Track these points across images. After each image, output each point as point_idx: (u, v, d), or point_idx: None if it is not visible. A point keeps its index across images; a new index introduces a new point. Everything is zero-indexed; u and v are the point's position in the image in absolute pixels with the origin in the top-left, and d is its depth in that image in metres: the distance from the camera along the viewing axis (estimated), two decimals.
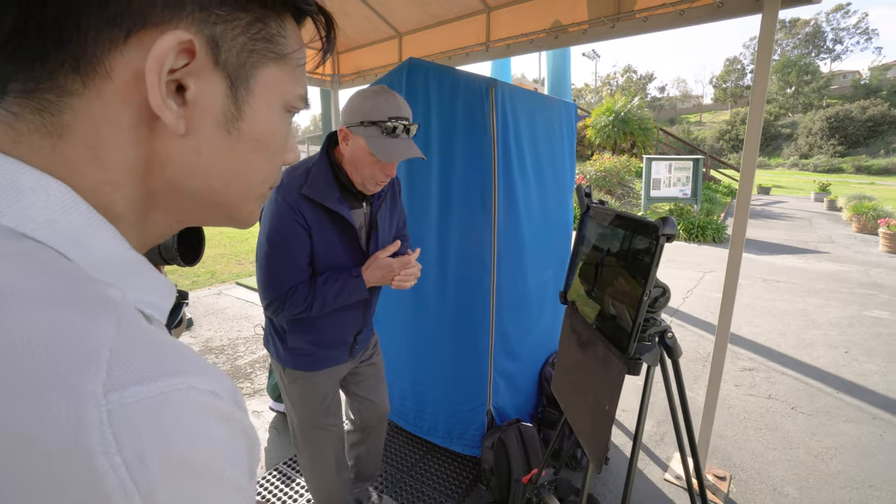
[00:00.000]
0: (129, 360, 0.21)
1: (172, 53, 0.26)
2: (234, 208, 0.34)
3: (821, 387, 2.87)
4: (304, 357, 1.30)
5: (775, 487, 1.98)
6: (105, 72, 0.26)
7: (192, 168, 0.30)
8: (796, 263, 6.19)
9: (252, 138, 0.31)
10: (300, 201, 1.10)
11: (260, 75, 0.31)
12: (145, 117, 0.27)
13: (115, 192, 0.28)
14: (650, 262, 0.71)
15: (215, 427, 0.23)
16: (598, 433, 0.81)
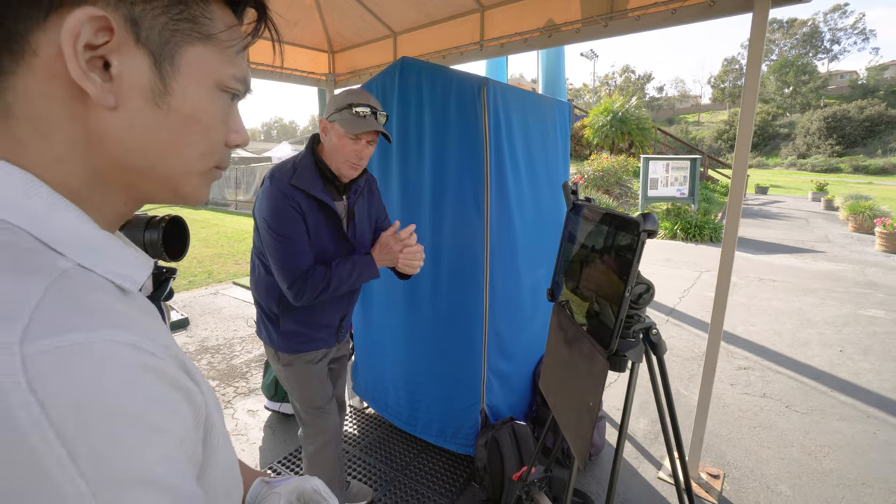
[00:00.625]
0: (51, 316, 0.24)
1: (88, 28, 0.27)
2: (176, 182, 0.35)
3: (815, 385, 2.87)
4: (295, 339, 1.39)
5: (768, 485, 1.99)
6: (32, 49, 0.28)
7: (129, 142, 0.31)
8: (793, 263, 6.20)
9: (182, 114, 0.33)
10: (292, 190, 1.23)
11: (185, 53, 0.32)
12: (75, 92, 0.29)
13: (64, 168, 0.30)
14: (632, 258, 0.71)
15: (141, 377, 0.25)
16: (582, 429, 0.81)
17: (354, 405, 2.59)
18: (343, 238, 1.35)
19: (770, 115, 38.95)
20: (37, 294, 0.24)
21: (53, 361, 0.23)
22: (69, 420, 0.22)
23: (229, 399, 2.73)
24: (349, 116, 1.21)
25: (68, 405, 0.22)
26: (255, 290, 1.41)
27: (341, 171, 1.28)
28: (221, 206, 15.56)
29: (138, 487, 0.24)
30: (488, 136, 1.65)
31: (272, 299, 1.36)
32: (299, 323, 1.38)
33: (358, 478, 2.00)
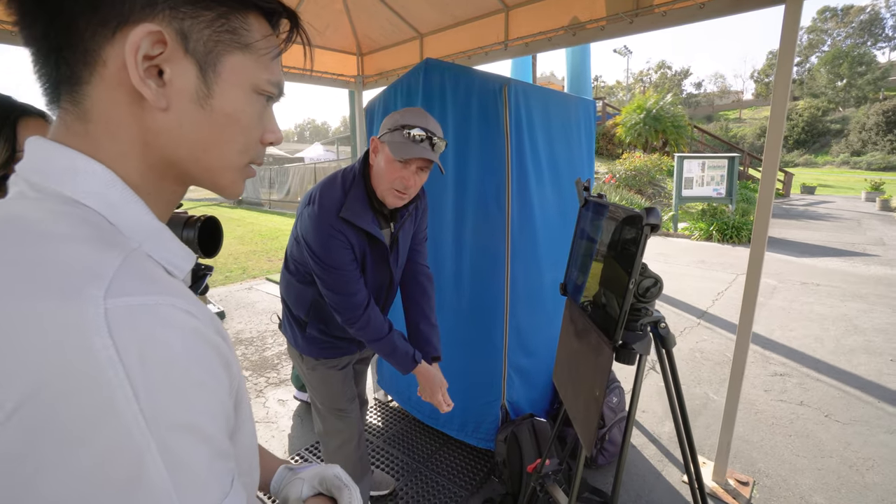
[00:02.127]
0: (126, 280, 0.29)
1: (146, 42, 0.33)
2: (216, 174, 0.41)
3: (860, 395, 2.71)
4: (319, 345, 1.41)
5: (802, 496, 1.90)
6: (102, 61, 0.33)
7: (178, 138, 0.37)
8: (840, 266, 5.83)
9: (223, 113, 0.38)
10: (340, 224, 1.17)
11: (226, 61, 0.37)
12: (135, 97, 0.34)
13: (128, 163, 0.36)
14: (636, 250, 0.72)
15: (190, 338, 0.30)
16: (589, 418, 0.83)
17: (379, 398, 2.67)
18: (386, 265, 1.32)
19: (820, 109, 36.54)
20: (116, 263, 0.30)
21: (127, 315, 0.28)
22: (135, 364, 0.27)
23: (261, 388, 2.87)
24: (400, 139, 1.10)
25: (135, 352, 0.27)
26: (286, 294, 1.42)
27: (385, 199, 1.20)
28: (256, 205, 16.22)
29: (184, 431, 0.28)
30: (510, 135, 1.68)
31: (301, 308, 1.38)
32: (325, 333, 1.39)
33: (381, 468, 2.07)
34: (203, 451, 0.29)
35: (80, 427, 0.25)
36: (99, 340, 0.26)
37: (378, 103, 2.22)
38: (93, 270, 0.28)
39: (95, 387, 0.25)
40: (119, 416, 0.26)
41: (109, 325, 0.27)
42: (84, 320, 0.26)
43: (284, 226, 10.57)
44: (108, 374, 0.26)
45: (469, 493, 1.91)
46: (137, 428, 0.26)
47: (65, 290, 0.27)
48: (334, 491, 0.52)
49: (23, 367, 0.25)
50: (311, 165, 15.13)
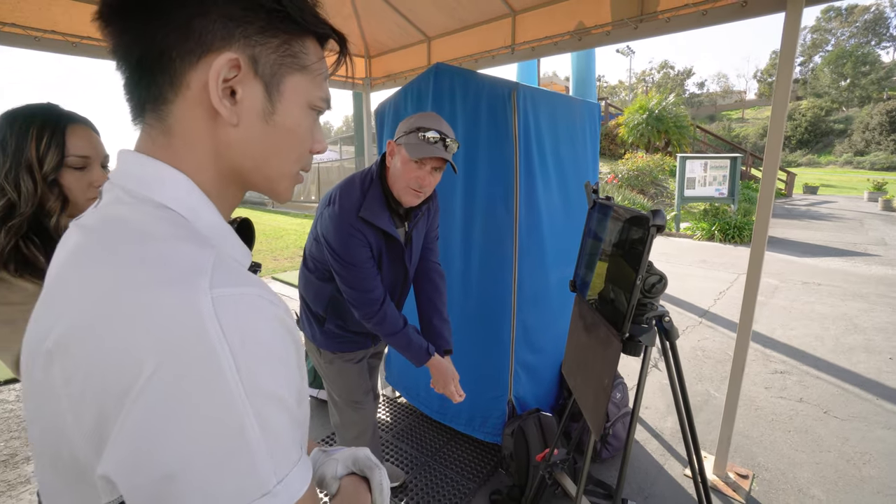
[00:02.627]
0: (223, 273, 0.35)
1: (226, 67, 0.38)
2: (274, 182, 0.46)
3: (858, 392, 2.76)
4: (336, 340, 1.48)
5: (801, 489, 1.96)
6: (186, 83, 0.39)
7: (245, 150, 0.42)
8: (842, 266, 5.87)
9: (284, 128, 0.43)
10: (359, 223, 1.24)
11: (288, 82, 0.43)
12: (211, 114, 0.40)
13: (203, 173, 0.42)
14: (642, 249, 0.78)
15: (274, 323, 0.36)
16: (598, 406, 0.88)
17: (387, 394, 2.73)
18: (401, 263, 1.39)
19: (823, 109, 36.43)
20: (211, 259, 0.35)
21: (230, 303, 0.33)
22: (237, 342, 0.32)
23: None
24: (415, 140, 1.18)
25: (236, 332, 0.32)
26: (304, 291, 1.49)
27: (402, 198, 1.26)
28: (259, 204, 16.29)
29: (272, 400, 0.33)
30: (518, 139, 1.74)
31: (320, 304, 1.45)
32: (342, 328, 1.46)
33: (391, 461, 2.13)
34: (285, 418, 0.34)
35: (196, 392, 0.30)
36: (210, 323, 0.31)
37: (388, 106, 2.28)
38: (198, 265, 0.34)
39: (208, 360, 0.31)
40: (227, 384, 0.31)
41: (217, 310, 0.32)
42: (199, 306, 0.32)
43: (288, 225, 10.64)
44: (218, 350, 0.31)
45: (477, 485, 1.97)
46: (238, 395, 0.31)
47: (181, 281, 0.33)
48: (366, 471, 0.56)
49: (157, 343, 0.30)
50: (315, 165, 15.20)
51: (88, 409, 0.31)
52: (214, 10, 0.38)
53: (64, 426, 0.33)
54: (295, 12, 0.41)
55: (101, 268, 0.34)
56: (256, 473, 0.32)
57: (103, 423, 0.31)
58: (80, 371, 0.32)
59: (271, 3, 0.40)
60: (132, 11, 0.38)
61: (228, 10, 0.38)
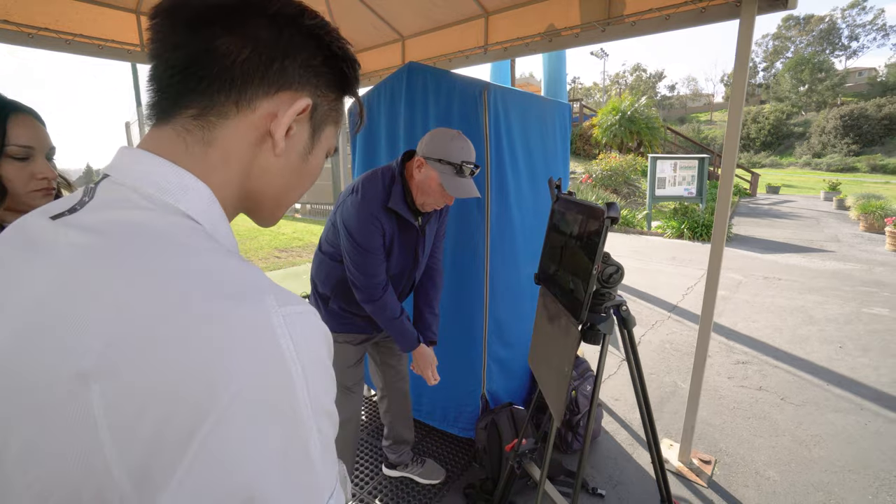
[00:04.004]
0: (279, 292, 0.34)
1: (300, 109, 0.42)
2: (279, 210, 0.50)
3: (811, 379, 2.93)
4: (338, 319, 1.57)
5: (758, 471, 2.07)
6: (253, 107, 0.41)
7: (277, 178, 0.45)
8: (800, 262, 6.20)
9: (311, 168, 0.48)
10: (381, 212, 1.37)
11: (326, 130, 0.48)
12: (260, 139, 0.42)
13: (229, 189, 0.43)
14: (598, 240, 0.82)
15: (326, 337, 0.37)
16: (559, 393, 0.92)
17: (363, 393, 2.72)
18: (413, 250, 1.50)
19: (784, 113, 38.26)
20: (264, 276, 0.36)
21: (298, 320, 0.33)
22: (306, 361, 0.32)
23: None
24: (450, 172, 1.30)
25: (304, 351, 0.33)
26: (316, 274, 1.60)
27: (424, 208, 1.41)
28: None
29: (327, 416, 0.34)
30: (489, 137, 1.77)
31: (327, 285, 1.55)
32: (344, 309, 1.56)
33: (365, 460, 2.13)
34: (332, 431, 0.36)
35: (275, 411, 0.30)
36: (285, 342, 0.31)
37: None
38: (260, 282, 0.34)
39: (286, 381, 0.31)
40: (299, 404, 0.31)
41: (288, 328, 0.32)
42: (272, 324, 0.31)
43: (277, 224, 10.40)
44: (292, 369, 0.31)
45: (450, 479, 1.99)
46: (307, 411, 0.32)
47: (249, 297, 0.32)
48: None
49: (232, 362, 0.29)
50: None
51: (140, 439, 0.27)
52: (300, 58, 0.42)
53: (95, 461, 0.28)
54: (353, 78, 0.47)
55: (149, 279, 0.31)
56: (319, 488, 0.33)
57: (159, 454, 0.27)
58: (133, 396, 0.28)
59: (344, 67, 0.45)
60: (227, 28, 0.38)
61: (312, 61, 0.43)
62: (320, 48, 0.43)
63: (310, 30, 0.42)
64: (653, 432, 1.11)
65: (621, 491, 1.94)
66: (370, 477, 2.02)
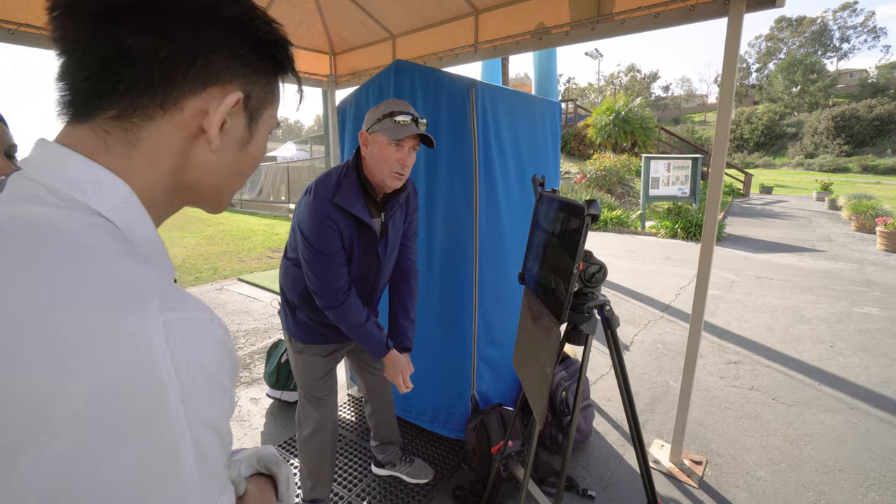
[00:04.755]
0: (171, 297, 0.33)
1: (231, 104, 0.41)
2: (223, 198, 0.48)
3: (803, 379, 2.94)
4: (307, 330, 1.50)
5: (748, 471, 2.06)
6: (180, 107, 0.39)
7: (213, 171, 0.44)
8: (792, 261, 6.23)
9: (252, 154, 0.47)
10: (332, 209, 1.28)
11: (265, 113, 0.46)
12: (192, 137, 0.41)
13: (158, 186, 0.41)
14: (578, 238, 0.80)
15: (219, 346, 0.35)
16: (542, 393, 0.90)
17: (352, 394, 2.69)
18: (374, 253, 1.41)
19: (777, 114, 38.61)
20: (160, 279, 0.34)
21: (180, 327, 0.32)
22: (184, 369, 0.31)
23: None
24: (390, 124, 1.24)
25: (184, 359, 0.31)
26: (283, 280, 1.53)
27: (385, 182, 1.30)
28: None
29: (210, 429, 0.33)
30: (477, 135, 1.75)
31: (296, 291, 1.47)
32: (313, 319, 1.49)
33: (355, 462, 2.10)
34: (218, 446, 0.34)
35: (137, 422, 0.29)
36: (159, 349, 0.30)
37: (350, 103, 2.25)
38: (146, 286, 0.32)
39: (153, 385, 0.29)
40: (169, 414, 0.30)
41: (167, 336, 0.31)
42: (148, 331, 0.30)
43: (256, 226, 10.35)
44: (164, 375, 0.30)
45: (440, 481, 1.97)
46: (179, 424, 0.30)
47: (127, 302, 0.31)
48: (273, 467, 0.55)
49: (94, 368, 0.28)
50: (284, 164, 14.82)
51: None
52: (226, 49, 0.40)
53: None
54: (285, 60, 0.45)
55: (24, 280, 0.30)
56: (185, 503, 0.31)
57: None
58: None
59: (274, 51, 0.44)
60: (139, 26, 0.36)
61: (239, 52, 0.41)
62: (245, 37, 0.41)
63: (231, 20, 0.40)
64: (637, 433, 1.09)
65: (612, 492, 1.92)
66: (358, 479, 1.99)
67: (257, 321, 4.04)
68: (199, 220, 11.27)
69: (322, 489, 1.67)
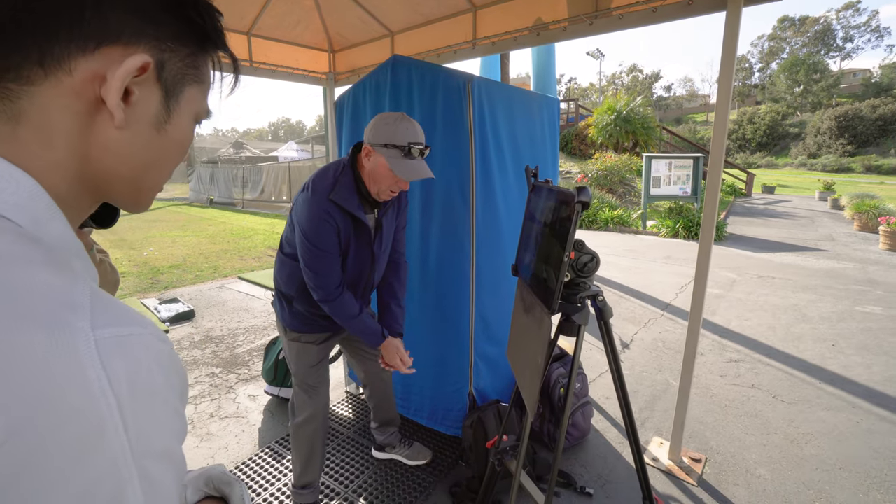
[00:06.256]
0: (103, 311, 0.28)
1: (135, 68, 0.34)
2: (142, 193, 0.41)
3: (804, 377, 2.91)
4: (302, 320, 1.54)
5: (748, 469, 2.05)
6: (68, 69, 0.32)
7: (125, 156, 0.37)
8: (794, 261, 6.19)
9: (173, 139, 0.40)
10: (329, 205, 1.31)
11: (186, 92, 0.40)
12: (91, 110, 0.34)
13: (58, 174, 0.34)
14: (569, 225, 0.79)
15: (166, 365, 0.31)
16: (533, 385, 0.89)
17: (351, 391, 2.69)
18: (369, 248, 1.46)
19: (780, 114, 38.45)
20: (86, 291, 0.29)
21: (116, 346, 0.27)
22: (125, 394, 0.27)
23: (231, 385, 2.84)
24: (397, 156, 1.25)
25: (125, 382, 0.27)
26: (278, 273, 1.56)
27: (379, 197, 1.36)
28: (228, 204, 15.79)
29: (161, 458, 0.29)
30: (473, 129, 1.74)
31: (291, 285, 1.51)
32: (308, 310, 1.53)
33: (353, 458, 2.10)
34: (171, 474, 0.30)
35: (69, 458, 0.24)
36: (93, 372, 0.26)
37: (347, 98, 2.25)
38: (68, 299, 0.27)
39: (87, 418, 0.25)
40: (108, 447, 0.26)
41: (101, 356, 0.26)
42: (76, 352, 0.26)
43: (258, 225, 10.36)
44: (101, 405, 0.25)
45: (437, 479, 1.96)
46: (123, 458, 0.26)
47: (49, 320, 0.26)
48: (224, 487, 0.50)
49: (6, 400, 0.23)
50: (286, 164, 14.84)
51: None
52: (131, 1, 0.33)
53: None
54: (210, 29, 0.39)
55: None
56: None
57: None
58: None
59: (193, 14, 0.37)
60: None
61: (144, 5, 0.34)
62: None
63: None
64: (632, 425, 1.08)
65: (610, 490, 1.91)
66: (356, 475, 1.98)
67: (256, 319, 4.04)
68: (201, 220, 11.29)
69: (312, 474, 1.72)
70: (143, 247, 7.65)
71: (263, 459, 2.10)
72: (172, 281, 5.45)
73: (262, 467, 2.05)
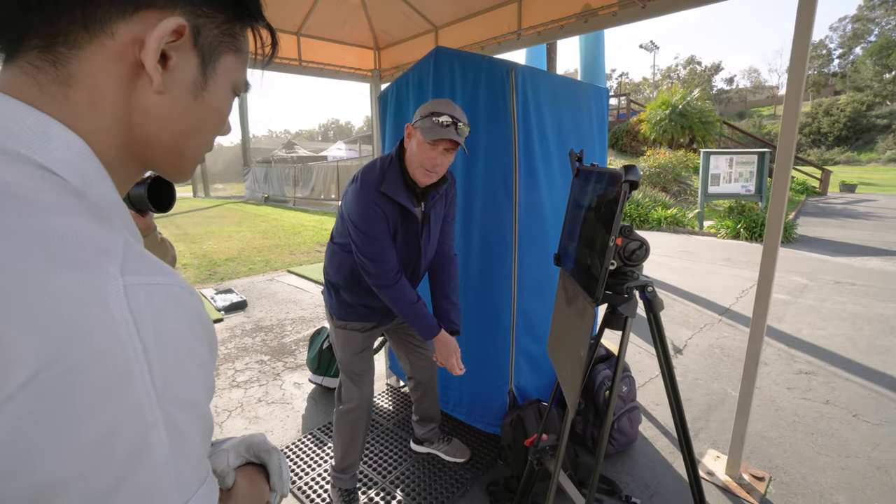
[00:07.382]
0: (134, 259, 0.29)
1: (170, 31, 0.34)
2: (184, 161, 0.42)
3: (893, 396, 2.57)
4: (348, 308, 1.58)
5: (822, 494, 1.83)
6: (110, 32, 0.33)
7: (164, 120, 0.38)
8: (880, 266, 5.52)
9: (210, 106, 0.41)
10: (377, 196, 1.35)
11: (223, 60, 0.40)
12: (132, 74, 0.35)
13: (106, 138, 0.36)
14: (615, 208, 0.72)
15: (193, 317, 0.32)
16: (574, 379, 0.83)
17: (391, 384, 2.72)
18: (416, 240, 1.48)
19: (864, 104, 34.47)
20: (121, 240, 0.30)
21: (144, 293, 0.28)
22: (151, 340, 0.27)
23: (278, 372, 2.97)
24: (429, 124, 1.29)
25: (151, 328, 0.28)
26: (328, 263, 1.61)
27: (416, 177, 1.37)
28: (281, 202, 16.66)
29: (187, 408, 0.30)
30: (516, 119, 1.69)
31: (339, 275, 1.55)
32: (354, 300, 1.56)
33: (391, 450, 2.12)
34: (198, 427, 0.31)
35: (95, 397, 0.25)
36: (120, 315, 0.26)
37: (391, 92, 2.27)
38: (103, 246, 0.28)
39: (114, 359, 0.26)
40: (133, 389, 0.26)
41: (129, 300, 0.27)
42: (106, 295, 0.26)
43: (308, 222, 10.83)
44: (127, 348, 0.26)
45: (474, 476, 1.93)
46: (148, 401, 0.27)
47: (83, 263, 0.27)
48: (263, 455, 0.51)
49: (39, 336, 0.24)
50: (335, 164, 15.42)
51: None
52: None
53: None
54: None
55: None
56: (162, 488, 0.28)
57: None
58: None
59: None
60: None
61: None
62: None
63: None
64: (685, 433, 0.99)
65: (657, 501, 1.79)
66: (393, 467, 2.00)
67: (304, 311, 4.21)
68: (255, 216, 11.99)
69: (352, 458, 1.75)
70: (203, 241, 8.24)
71: (306, 445, 2.17)
72: (228, 273, 5.82)
73: (304, 452, 2.12)
